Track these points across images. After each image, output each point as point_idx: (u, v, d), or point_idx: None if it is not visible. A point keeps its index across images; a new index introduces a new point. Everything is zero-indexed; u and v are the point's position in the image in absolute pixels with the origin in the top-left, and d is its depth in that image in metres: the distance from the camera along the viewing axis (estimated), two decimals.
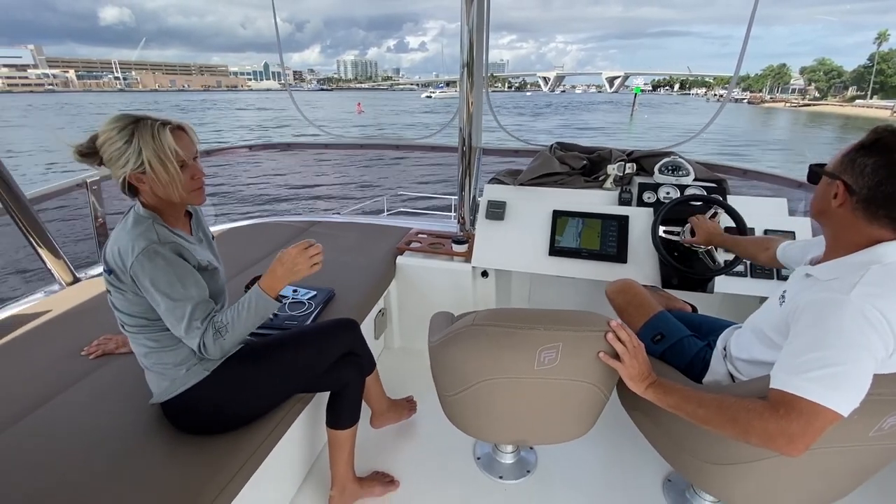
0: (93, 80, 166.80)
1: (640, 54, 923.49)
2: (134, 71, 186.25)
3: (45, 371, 1.42)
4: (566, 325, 1.07)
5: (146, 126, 1.02)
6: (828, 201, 0.95)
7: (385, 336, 2.38)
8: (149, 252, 1.03)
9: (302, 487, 1.55)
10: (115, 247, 1.07)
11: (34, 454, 1.12)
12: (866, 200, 0.88)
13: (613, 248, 1.99)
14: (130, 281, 1.05)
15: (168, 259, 1.05)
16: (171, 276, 1.05)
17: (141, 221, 1.08)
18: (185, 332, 1.08)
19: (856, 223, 0.91)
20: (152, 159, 1.03)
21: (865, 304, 0.84)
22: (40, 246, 1.89)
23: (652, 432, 1.32)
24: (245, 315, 1.11)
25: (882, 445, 0.99)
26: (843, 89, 75.07)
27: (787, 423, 0.83)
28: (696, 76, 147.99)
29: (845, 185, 0.90)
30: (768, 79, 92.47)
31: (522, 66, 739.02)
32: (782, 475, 1.07)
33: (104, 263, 1.11)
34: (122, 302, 1.12)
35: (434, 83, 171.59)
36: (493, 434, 1.42)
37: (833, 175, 0.93)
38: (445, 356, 1.24)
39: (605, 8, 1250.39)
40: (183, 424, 1.20)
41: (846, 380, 0.82)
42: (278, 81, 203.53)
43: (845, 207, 0.92)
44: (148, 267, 1.03)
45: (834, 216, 0.95)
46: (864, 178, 0.87)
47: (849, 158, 0.91)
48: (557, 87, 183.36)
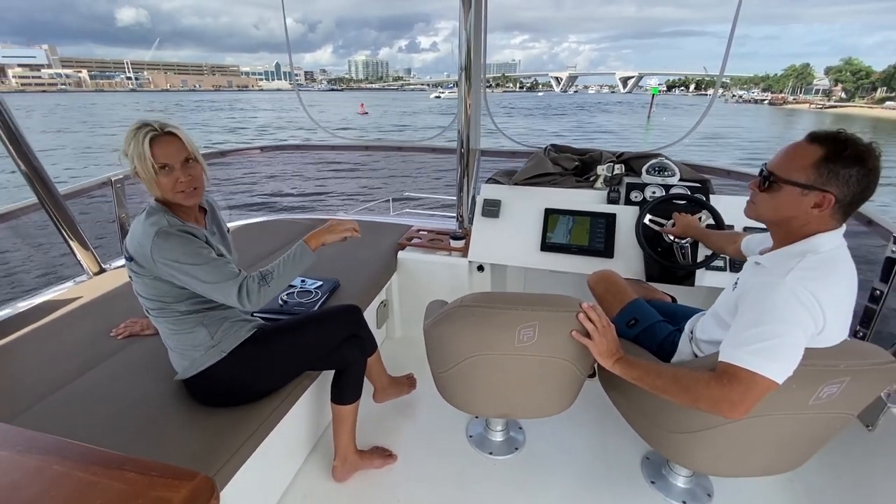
0: (105, 80, 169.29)
1: (654, 54, 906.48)
2: (146, 71, 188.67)
3: (79, 349, 1.58)
4: (542, 306, 1.20)
5: (140, 133, 1.18)
6: (802, 209, 1.01)
7: (387, 326, 2.52)
8: (161, 234, 1.17)
9: (308, 458, 1.70)
10: (135, 237, 1.22)
11: (70, 420, 1.27)
12: (849, 205, 0.99)
13: (601, 243, 2.11)
14: (152, 265, 1.19)
15: (180, 236, 1.19)
16: (190, 246, 1.19)
17: (153, 212, 1.23)
18: (225, 286, 1.19)
19: (821, 221, 1.01)
20: (136, 162, 1.18)
21: (798, 286, 0.96)
22: (71, 238, 2.06)
23: (626, 409, 1.44)
24: (288, 263, 1.29)
25: (823, 413, 1.12)
26: (871, 90, 71.52)
27: (729, 390, 0.97)
28: (711, 76, 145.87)
29: (835, 197, 0.97)
30: (790, 79, 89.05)
31: (535, 66, 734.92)
32: (737, 442, 1.19)
33: (125, 253, 1.26)
34: (141, 287, 1.27)
35: (444, 83, 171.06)
36: (480, 408, 1.55)
37: (816, 188, 0.98)
38: (437, 336, 1.38)
39: (619, 7, 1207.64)
40: (201, 398, 1.34)
41: (779, 351, 0.95)
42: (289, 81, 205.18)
43: (825, 212, 0.99)
44: (165, 246, 1.16)
45: (799, 220, 1.03)
46: (850, 187, 0.96)
47: (829, 171, 0.96)
48: (570, 88, 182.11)
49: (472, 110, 2.31)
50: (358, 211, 4.76)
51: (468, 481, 1.63)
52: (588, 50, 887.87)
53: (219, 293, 1.21)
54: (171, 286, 1.24)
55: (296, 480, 1.61)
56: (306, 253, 1.32)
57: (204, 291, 1.22)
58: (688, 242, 1.89)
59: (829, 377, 1.03)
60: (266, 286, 1.24)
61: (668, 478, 1.61)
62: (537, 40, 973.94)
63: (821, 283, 0.98)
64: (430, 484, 1.62)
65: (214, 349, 1.31)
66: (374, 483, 1.61)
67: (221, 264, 1.22)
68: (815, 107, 67.94)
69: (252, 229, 2.81)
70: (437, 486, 1.61)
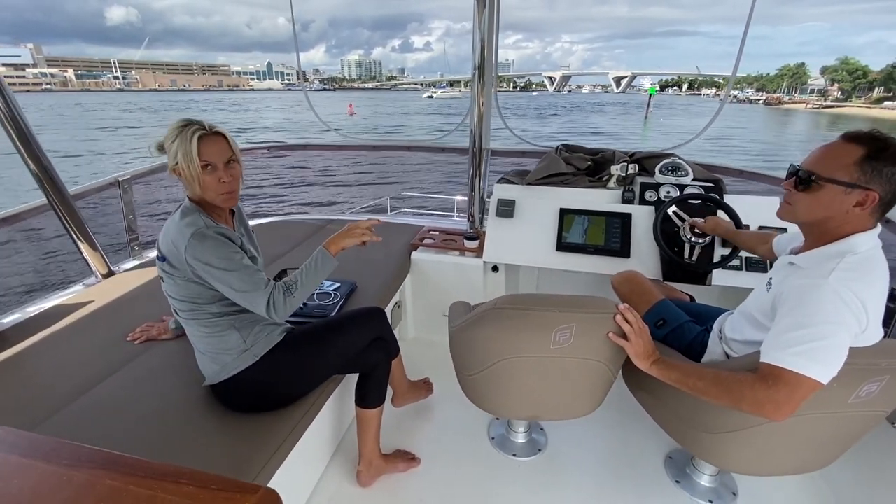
0: (92, 79, 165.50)
1: (648, 54, 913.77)
2: (134, 70, 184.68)
3: (96, 355, 1.54)
4: (580, 308, 1.19)
5: (187, 130, 1.17)
6: (844, 208, 1.01)
7: (400, 327, 2.50)
8: (198, 235, 1.16)
9: (331, 462, 1.68)
10: (168, 236, 1.20)
11: (96, 428, 1.23)
12: (888, 204, 1.00)
13: (617, 243, 2.11)
14: (185, 266, 1.17)
15: (216, 239, 1.18)
16: (224, 251, 1.18)
17: (188, 212, 1.22)
18: (254, 296, 1.18)
19: (861, 220, 1.02)
20: (181, 158, 1.18)
21: (841, 286, 0.97)
22: (80, 240, 2.02)
23: (656, 409, 1.44)
24: (310, 272, 1.26)
25: (861, 412, 1.12)
26: (867, 90, 70.59)
27: (774, 392, 0.96)
28: (705, 76, 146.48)
29: (874, 193, 0.98)
30: (785, 79, 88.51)
31: (528, 65, 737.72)
32: (774, 441, 1.19)
33: (158, 252, 1.24)
34: (173, 287, 1.24)
35: (438, 83, 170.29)
36: (510, 410, 1.54)
37: (860, 186, 0.99)
38: (468, 338, 1.36)
39: (612, 8, 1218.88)
40: (232, 403, 1.32)
41: (825, 352, 0.95)
42: (281, 81, 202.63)
43: (867, 210, 1.00)
44: (199, 248, 1.15)
45: (837, 219, 1.03)
46: (893, 185, 0.97)
47: (872, 168, 0.97)
48: (564, 88, 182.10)
49: (484, 109, 2.29)
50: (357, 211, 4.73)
51: (493, 483, 1.62)
52: (581, 50, 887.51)
53: (248, 301, 1.20)
54: (203, 287, 1.22)
55: (320, 485, 1.59)
56: (327, 259, 1.30)
57: (233, 297, 1.21)
58: (706, 242, 1.90)
59: (870, 375, 1.03)
60: (291, 297, 1.22)
61: (692, 476, 1.61)
62: (531, 40, 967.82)
63: (863, 284, 0.98)
64: (454, 487, 1.61)
65: (247, 353, 1.29)
66: (399, 487, 1.59)
67: (253, 272, 1.20)
68: (812, 107, 66.70)
69: (263, 230, 2.78)
70: (461, 489, 1.60)
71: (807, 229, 1.14)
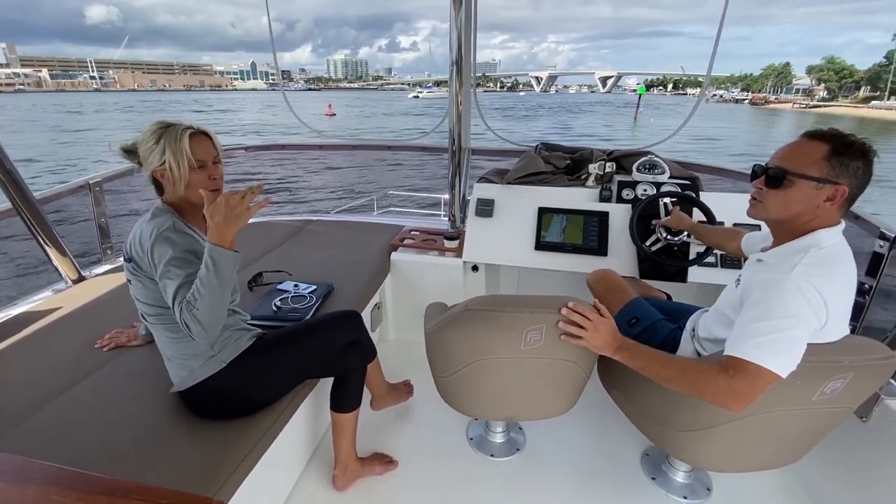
0: (67, 79, 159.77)
1: (632, 54, 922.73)
2: (111, 70, 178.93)
3: (63, 363, 1.50)
4: (549, 309, 1.19)
5: (173, 130, 1.17)
6: (815, 203, 1.03)
7: (381, 329, 2.49)
8: (161, 236, 1.14)
9: (307, 467, 1.66)
10: (136, 236, 1.18)
11: (59, 440, 1.20)
12: (853, 198, 1.02)
13: (595, 242, 2.12)
14: (150, 267, 1.15)
15: (177, 244, 1.13)
16: (174, 258, 1.10)
17: (159, 213, 1.20)
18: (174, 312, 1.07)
19: (829, 215, 1.04)
20: (170, 158, 1.16)
21: (802, 281, 0.98)
22: (48, 245, 1.96)
23: (629, 408, 1.45)
24: (206, 278, 1.05)
25: (826, 409, 1.14)
26: (854, 89, 70.57)
27: (735, 382, 0.98)
28: (689, 76, 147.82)
29: (842, 188, 1.00)
30: (770, 78, 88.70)
31: (515, 65, 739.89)
32: (742, 438, 1.21)
33: (125, 253, 1.22)
34: (140, 290, 1.22)
35: (424, 83, 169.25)
36: (485, 411, 1.54)
37: (829, 181, 1.00)
38: (441, 340, 1.35)
39: (596, 8, 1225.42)
40: (200, 410, 1.29)
41: (783, 345, 0.97)
42: (265, 81, 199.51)
43: (835, 205, 1.02)
44: (159, 249, 1.13)
45: (806, 215, 1.05)
46: (858, 178, 1.00)
47: (839, 164, 0.99)
48: (550, 87, 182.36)
49: (462, 108, 2.29)
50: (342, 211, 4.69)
51: (470, 484, 1.62)
52: (567, 50, 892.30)
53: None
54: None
55: (295, 490, 1.57)
56: (222, 256, 1.07)
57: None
58: (680, 240, 1.91)
59: (833, 373, 1.05)
60: (194, 309, 1.04)
61: (668, 473, 1.62)
62: (517, 40, 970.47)
63: (824, 279, 1.00)
64: (431, 488, 1.60)
65: (214, 359, 1.26)
66: (376, 490, 1.58)
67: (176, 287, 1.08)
68: (799, 106, 66.34)
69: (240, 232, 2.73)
70: (438, 490, 1.59)
71: (776, 226, 1.15)
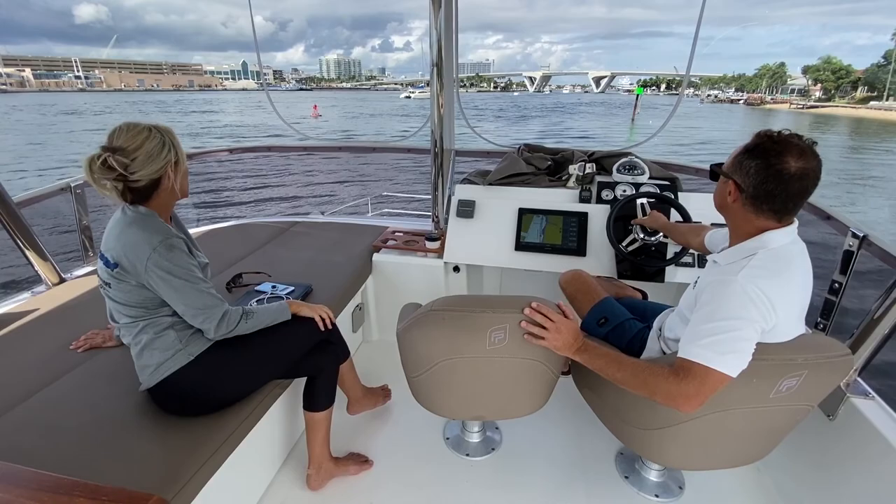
0: (52, 79, 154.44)
1: (625, 54, 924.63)
2: (98, 69, 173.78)
3: (37, 364, 1.51)
4: (513, 308, 1.20)
5: (164, 128, 1.22)
6: (724, 197, 1.09)
7: (363, 329, 2.49)
8: (167, 244, 1.18)
9: (282, 467, 1.66)
10: (123, 241, 1.18)
11: (28, 440, 1.20)
12: (752, 197, 1.03)
13: (574, 242, 2.13)
14: (141, 272, 1.17)
15: (182, 250, 1.22)
16: (188, 263, 1.22)
17: (149, 218, 1.22)
18: (207, 309, 1.24)
19: (746, 215, 1.07)
20: (180, 154, 1.24)
21: (748, 283, 0.99)
22: (27, 248, 1.97)
23: (598, 407, 1.46)
24: (267, 311, 1.39)
25: (785, 406, 1.15)
26: (850, 90, 69.77)
27: (685, 385, 0.99)
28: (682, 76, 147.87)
29: (735, 184, 1.05)
30: (764, 79, 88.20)
31: (508, 65, 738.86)
32: (705, 436, 1.22)
33: (104, 258, 1.22)
34: (122, 293, 1.23)
35: (417, 83, 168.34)
36: (455, 410, 1.55)
37: (726, 175, 1.08)
38: (409, 340, 1.36)
39: (589, 9, 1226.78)
40: (169, 407, 1.30)
41: (730, 345, 0.98)
42: (256, 81, 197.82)
43: (737, 202, 1.07)
44: (167, 256, 1.17)
45: (730, 210, 1.10)
46: (750, 177, 1.02)
47: (737, 161, 1.05)
48: (544, 87, 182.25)
49: (444, 110, 2.29)
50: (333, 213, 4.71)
51: (446, 484, 1.63)
52: (561, 50, 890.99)
53: (200, 317, 1.24)
54: (152, 293, 1.23)
55: (269, 491, 1.58)
56: (285, 312, 1.42)
57: (183, 311, 1.24)
58: (657, 240, 1.93)
59: (787, 371, 1.06)
60: (245, 322, 1.31)
61: (641, 472, 1.63)
62: (510, 40, 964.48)
63: (772, 281, 1.01)
64: (407, 488, 1.61)
65: (182, 353, 1.28)
66: (350, 490, 1.59)
67: (207, 288, 1.25)
68: (795, 107, 65.40)
69: (222, 234, 2.75)
70: (414, 490, 1.60)
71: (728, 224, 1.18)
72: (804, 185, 0.99)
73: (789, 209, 1.03)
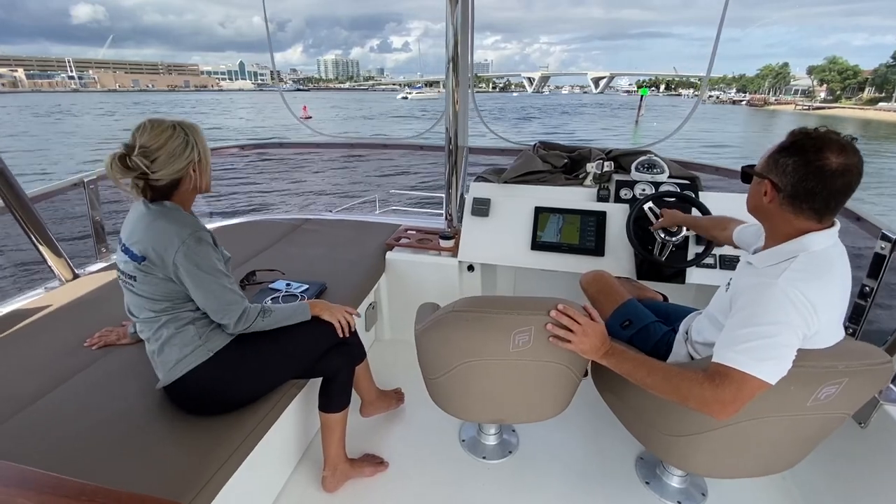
0: (45, 79, 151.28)
1: (623, 55, 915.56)
2: (92, 69, 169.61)
3: (51, 361, 1.49)
4: (538, 310, 1.17)
5: (189, 125, 1.20)
6: (759, 198, 1.05)
7: (376, 328, 2.47)
8: (196, 237, 1.18)
9: (297, 467, 1.64)
10: (152, 234, 1.17)
11: (43, 440, 1.19)
12: (791, 196, 0.99)
13: (592, 242, 2.09)
14: (169, 265, 1.17)
15: (209, 243, 1.23)
16: (214, 258, 1.22)
17: (175, 211, 1.22)
18: (228, 304, 1.24)
19: (784, 216, 1.02)
20: (203, 155, 1.23)
21: (790, 287, 0.95)
22: (41, 243, 1.96)
23: (622, 411, 1.42)
24: (286, 310, 1.37)
25: (821, 414, 1.11)
26: (857, 91, 68.00)
27: (721, 391, 0.95)
28: (682, 77, 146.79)
29: (772, 184, 1.01)
30: (766, 79, 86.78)
31: (507, 66, 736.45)
32: (735, 444, 1.18)
33: (128, 252, 1.21)
34: (148, 287, 1.21)
35: (414, 83, 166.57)
36: (474, 413, 1.52)
37: (761, 175, 1.03)
38: (429, 341, 1.33)
39: (587, 9, 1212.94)
40: (186, 405, 1.28)
41: (769, 351, 0.94)
42: (253, 82, 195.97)
43: (774, 203, 1.02)
44: (195, 249, 1.17)
45: (766, 211, 1.06)
46: (787, 176, 0.98)
47: (773, 159, 1.01)
48: (543, 88, 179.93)
49: (459, 107, 2.26)
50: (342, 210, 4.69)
51: (462, 487, 1.60)
52: (559, 51, 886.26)
53: (220, 312, 1.25)
54: (179, 286, 1.22)
55: (284, 491, 1.56)
56: (305, 312, 1.41)
57: (204, 304, 1.24)
58: (678, 240, 1.88)
59: (827, 378, 1.02)
60: (262, 320, 1.31)
61: (662, 478, 1.60)
62: (509, 41, 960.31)
63: (813, 284, 0.97)
64: (422, 491, 1.58)
65: (201, 349, 1.26)
66: (366, 492, 1.57)
67: (230, 283, 1.26)
68: (801, 108, 63.94)
69: (234, 230, 2.73)
70: (429, 493, 1.57)
71: (763, 226, 1.14)
72: (847, 182, 0.95)
73: (831, 208, 0.99)
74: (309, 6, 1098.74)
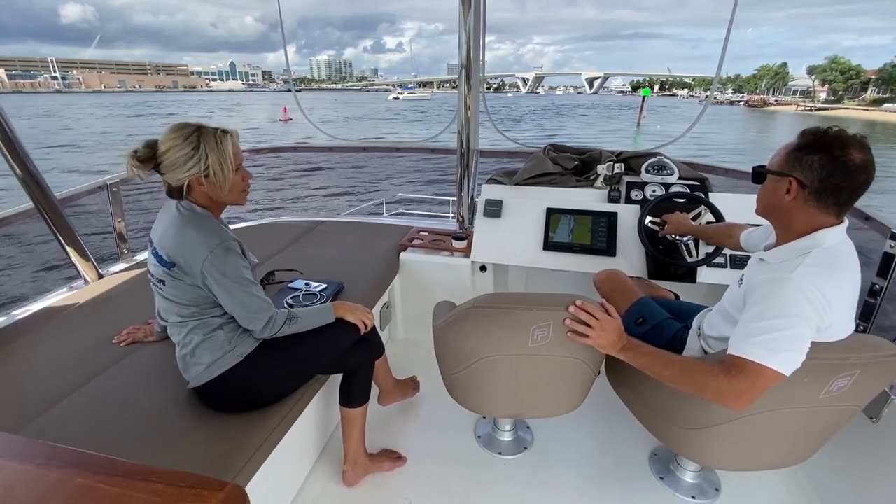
0: (27, 80, 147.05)
1: (616, 56, 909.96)
2: (77, 70, 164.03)
3: (81, 357, 1.54)
4: (557, 306, 1.21)
5: (209, 134, 1.19)
6: (779, 197, 1.07)
7: (389, 328, 2.51)
8: (224, 246, 1.20)
9: (317, 462, 1.68)
10: (181, 242, 1.20)
11: (79, 430, 1.24)
12: (818, 192, 1.02)
13: (603, 242, 2.12)
14: (197, 273, 1.19)
15: (238, 253, 1.25)
16: (241, 267, 1.24)
17: (204, 219, 1.24)
18: (255, 312, 1.26)
19: (807, 212, 1.05)
20: (214, 164, 1.20)
21: (805, 281, 0.98)
22: (68, 245, 2.02)
23: (637, 406, 1.45)
24: (311, 314, 1.39)
25: (834, 407, 1.14)
26: (859, 91, 67.23)
27: (736, 382, 0.99)
28: (676, 77, 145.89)
29: (797, 181, 1.03)
30: (764, 79, 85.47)
31: (501, 66, 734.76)
32: (750, 437, 1.21)
33: (158, 256, 1.24)
34: (177, 291, 1.25)
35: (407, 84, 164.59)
36: (492, 408, 1.55)
37: (783, 174, 1.06)
38: (449, 337, 1.37)
39: (581, 10, 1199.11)
40: (215, 404, 1.33)
41: (785, 343, 0.97)
42: (244, 82, 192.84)
43: (798, 199, 1.04)
44: (223, 259, 1.20)
45: (784, 209, 1.08)
46: (814, 171, 1.00)
47: (793, 157, 1.03)
48: (537, 88, 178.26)
49: (471, 111, 2.31)
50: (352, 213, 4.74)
51: (478, 482, 1.63)
52: (553, 51, 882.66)
53: (248, 319, 1.27)
54: (207, 292, 1.25)
55: (306, 485, 1.60)
56: (329, 314, 1.42)
57: (232, 310, 1.27)
58: (689, 239, 1.91)
59: (839, 370, 1.05)
60: (288, 326, 1.33)
61: (676, 473, 1.62)
62: (502, 41, 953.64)
63: (827, 280, 1.00)
64: (440, 485, 1.61)
65: (231, 353, 1.30)
66: (385, 486, 1.60)
67: (257, 291, 1.28)
68: (803, 108, 62.87)
69: (250, 232, 2.79)
70: (447, 488, 1.61)
71: (773, 225, 1.18)
72: (868, 177, 0.99)
73: (852, 202, 1.03)
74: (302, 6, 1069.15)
